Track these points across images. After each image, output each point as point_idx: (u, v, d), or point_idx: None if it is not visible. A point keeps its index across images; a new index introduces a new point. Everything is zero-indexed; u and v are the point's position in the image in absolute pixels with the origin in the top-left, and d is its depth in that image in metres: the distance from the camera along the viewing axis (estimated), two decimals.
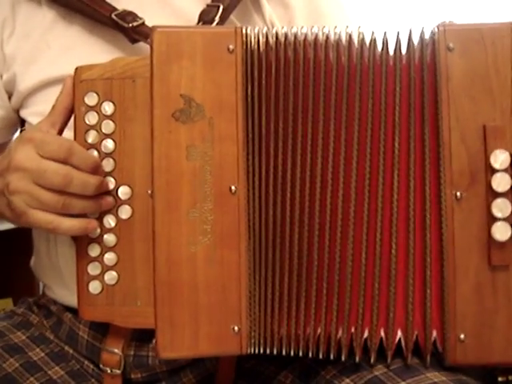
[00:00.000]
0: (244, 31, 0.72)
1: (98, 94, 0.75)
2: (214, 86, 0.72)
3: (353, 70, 0.72)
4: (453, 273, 0.71)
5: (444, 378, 0.71)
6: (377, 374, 0.73)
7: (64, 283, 0.88)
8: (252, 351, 0.74)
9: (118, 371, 0.83)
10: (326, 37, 0.72)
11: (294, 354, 0.75)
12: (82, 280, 0.76)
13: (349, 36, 0.72)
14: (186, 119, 0.72)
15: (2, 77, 0.89)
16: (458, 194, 0.71)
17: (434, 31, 0.72)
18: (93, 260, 0.76)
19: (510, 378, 0.75)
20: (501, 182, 0.70)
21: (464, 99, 0.71)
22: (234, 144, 0.72)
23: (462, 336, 0.71)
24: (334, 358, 0.74)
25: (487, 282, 0.71)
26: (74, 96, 0.75)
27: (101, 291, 0.76)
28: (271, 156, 0.73)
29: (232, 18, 0.86)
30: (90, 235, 0.75)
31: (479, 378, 0.74)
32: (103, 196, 0.74)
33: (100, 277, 0.76)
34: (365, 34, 0.72)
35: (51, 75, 0.83)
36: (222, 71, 0.72)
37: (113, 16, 0.81)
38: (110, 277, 0.76)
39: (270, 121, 0.73)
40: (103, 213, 0.75)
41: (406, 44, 0.73)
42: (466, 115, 0.71)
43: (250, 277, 0.73)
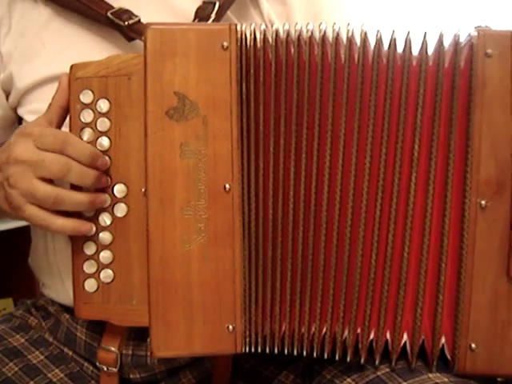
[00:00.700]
0: (238, 28, 0.72)
1: (93, 92, 0.75)
2: (207, 83, 0.71)
3: (368, 69, 0.70)
4: (470, 281, 0.70)
5: (446, 380, 0.70)
6: (379, 374, 0.73)
7: (61, 280, 0.87)
8: (247, 350, 0.74)
9: (115, 369, 0.83)
10: (336, 34, 0.71)
11: (297, 353, 0.74)
12: (77, 278, 0.76)
13: (364, 34, 0.70)
14: (179, 117, 0.71)
15: None
16: (483, 202, 0.70)
17: (473, 35, 0.70)
18: (89, 258, 0.76)
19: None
20: None
21: (498, 107, 0.69)
22: (228, 142, 0.72)
23: (473, 345, 0.71)
24: (340, 358, 0.73)
25: (503, 293, 0.70)
26: (69, 94, 0.75)
27: (96, 289, 0.76)
28: (266, 154, 0.72)
29: (229, 14, 0.85)
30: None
31: (479, 379, 0.73)
32: (98, 193, 0.74)
33: (96, 275, 0.76)
34: (368, 31, 0.70)
35: (47, 73, 0.83)
36: (216, 68, 0.71)
37: (109, 14, 0.81)
38: (106, 275, 0.76)
39: (264, 118, 0.72)
40: (99, 211, 0.75)
41: (434, 45, 0.70)
42: (499, 124, 0.69)
43: (244, 275, 0.73)
